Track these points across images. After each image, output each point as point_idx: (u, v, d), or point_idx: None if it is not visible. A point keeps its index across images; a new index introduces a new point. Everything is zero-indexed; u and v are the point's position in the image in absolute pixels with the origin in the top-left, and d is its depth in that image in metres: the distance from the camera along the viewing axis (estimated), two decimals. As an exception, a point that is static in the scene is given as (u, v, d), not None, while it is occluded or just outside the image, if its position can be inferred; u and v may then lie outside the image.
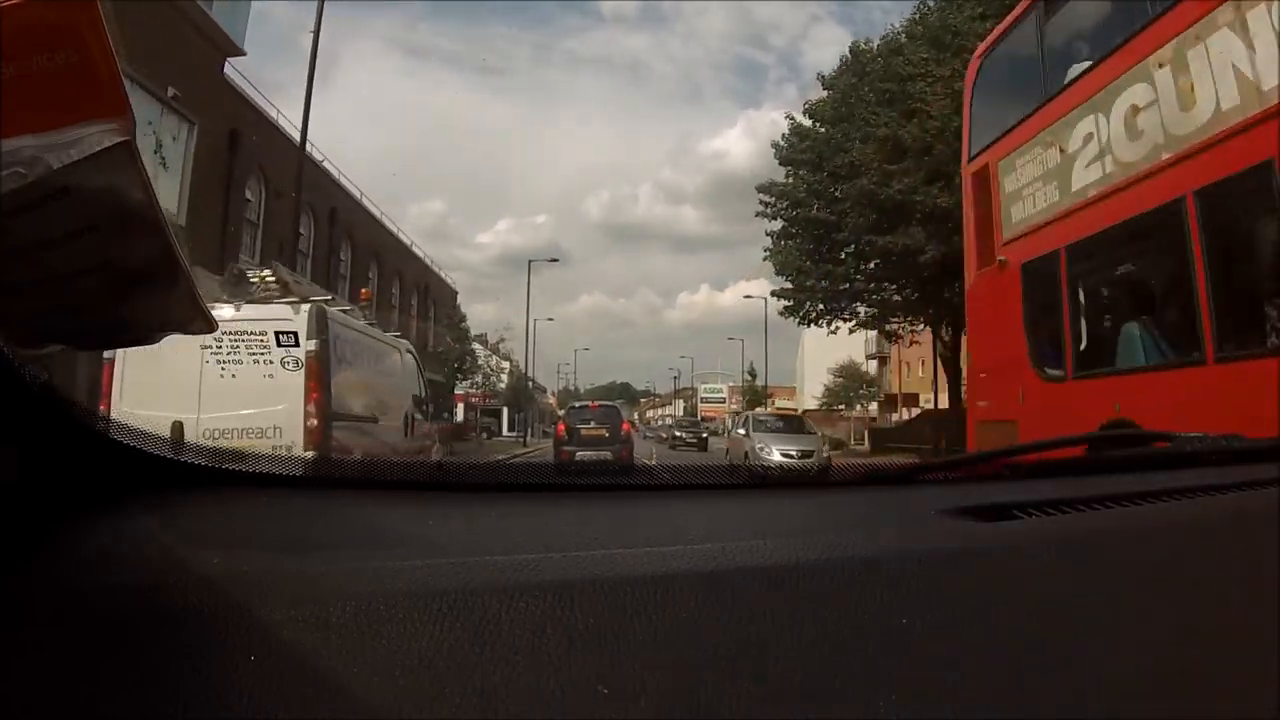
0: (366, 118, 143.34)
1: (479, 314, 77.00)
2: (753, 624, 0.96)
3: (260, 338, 10.00)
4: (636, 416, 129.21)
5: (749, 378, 61.93)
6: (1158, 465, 1.87)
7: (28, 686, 0.81)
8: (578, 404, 28.41)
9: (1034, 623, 1.00)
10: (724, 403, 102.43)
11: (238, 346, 9.81)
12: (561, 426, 24.35)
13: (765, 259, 33.20)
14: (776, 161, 32.43)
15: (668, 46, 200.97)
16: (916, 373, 58.57)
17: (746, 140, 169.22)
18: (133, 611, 0.89)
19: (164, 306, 1.04)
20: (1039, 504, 1.35)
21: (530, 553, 1.07)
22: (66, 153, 0.81)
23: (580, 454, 21.19)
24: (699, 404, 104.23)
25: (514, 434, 66.47)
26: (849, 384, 57.10)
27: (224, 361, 9.73)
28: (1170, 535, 1.27)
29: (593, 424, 23.20)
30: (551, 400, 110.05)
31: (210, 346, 9.29)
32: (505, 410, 75.05)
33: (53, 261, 0.90)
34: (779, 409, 78.61)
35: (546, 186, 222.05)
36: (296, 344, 10.05)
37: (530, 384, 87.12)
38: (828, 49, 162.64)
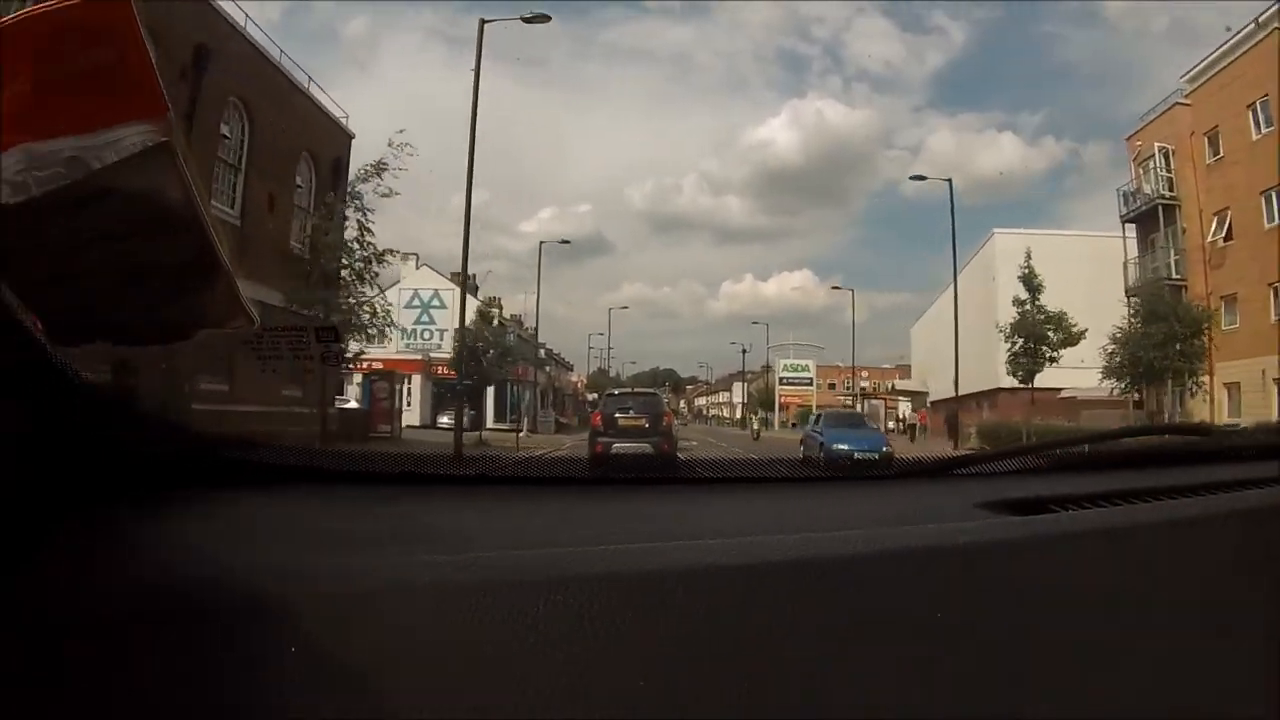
0: (408, 108, 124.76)
1: (520, 306, 49.65)
2: (792, 617, 0.98)
3: None
4: (684, 405, 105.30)
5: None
6: (1197, 459, 1.88)
7: (58, 683, 0.84)
8: (616, 390, 26.12)
9: (1069, 615, 1.03)
10: (810, 385, 74.22)
11: None
12: (597, 416, 22.37)
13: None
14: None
15: (711, 38, 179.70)
16: (1267, 313, 30.20)
17: (791, 131, 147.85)
18: (169, 606, 0.91)
19: (204, 304, 1.02)
20: (1076, 497, 1.38)
21: (567, 546, 1.09)
22: (106, 154, 0.83)
23: (617, 446, 19.20)
24: (776, 386, 75.77)
25: (504, 425, 40.44)
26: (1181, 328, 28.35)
27: None
28: (1208, 529, 1.26)
29: (631, 413, 21.19)
30: (577, 381, 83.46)
31: None
32: (491, 389, 47.51)
33: (92, 260, 0.91)
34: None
35: (589, 176, 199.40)
36: None
37: (543, 350, 61.05)
38: (872, 41, 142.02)
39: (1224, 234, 32.20)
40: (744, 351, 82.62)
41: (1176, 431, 2.71)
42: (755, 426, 53.63)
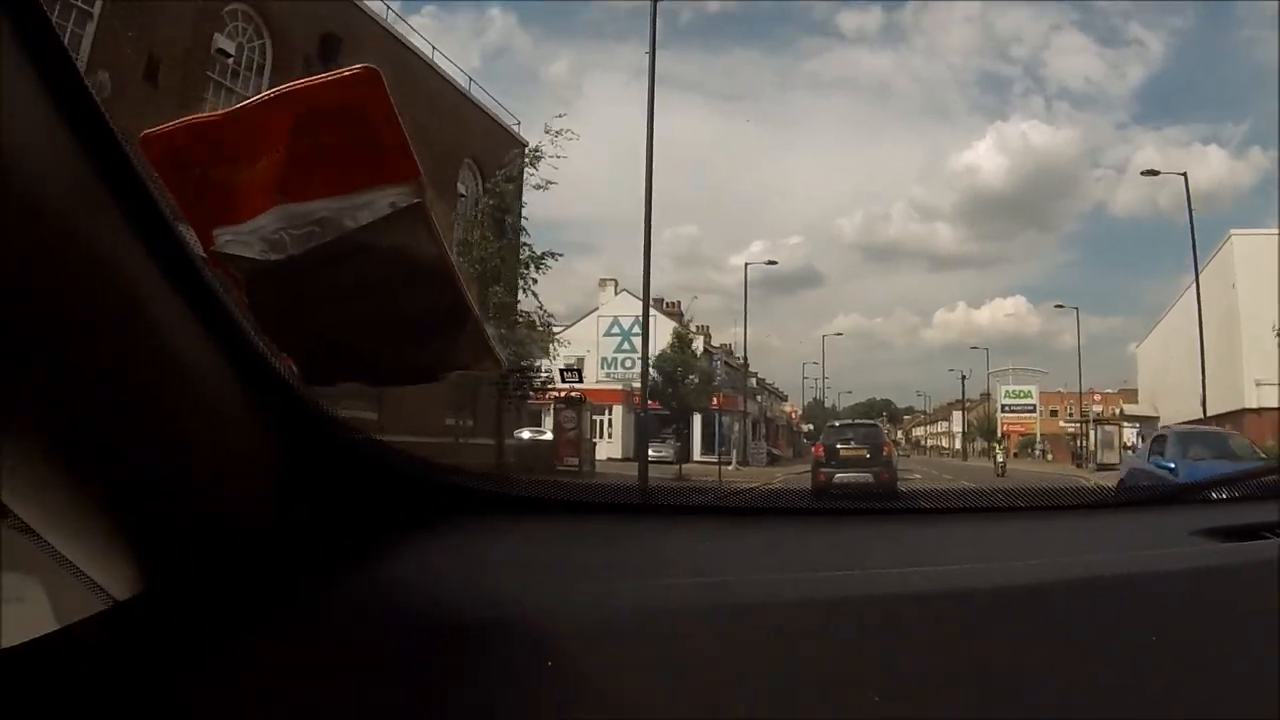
0: (614, 147, 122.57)
1: (733, 338, 56.43)
2: (1012, 641, 1.04)
3: None
4: (901, 435, 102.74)
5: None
6: None
7: (343, 695, 0.95)
8: (837, 422, 26.92)
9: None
10: (1034, 412, 70.66)
11: None
12: (819, 447, 22.92)
13: None
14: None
15: (910, 63, 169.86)
16: None
17: (998, 155, 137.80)
18: (440, 624, 1.02)
19: (454, 348, 1.10)
20: None
21: (799, 572, 1.20)
22: (361, 214, 0.91)
23: (839, 476, 19.84)
24: (997, 414, 72.17)
25: (713, 458, 39.43)
26: None
27: None
28: None
29: (853, 444, 21.74)
30: (791, 411, 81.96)
31: None
32: (698, 419, 46.71)
33: (348, 310, 0.98)
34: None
35: (798, 208, 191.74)
36: None
37: (754, 379, 60.11)
38: (1071, 57, 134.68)
39: None
40: (963, 378, 79.54)
41: None
42: (1000, 459, 45.09)
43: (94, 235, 0.77)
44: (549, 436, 31.13)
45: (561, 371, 22.99)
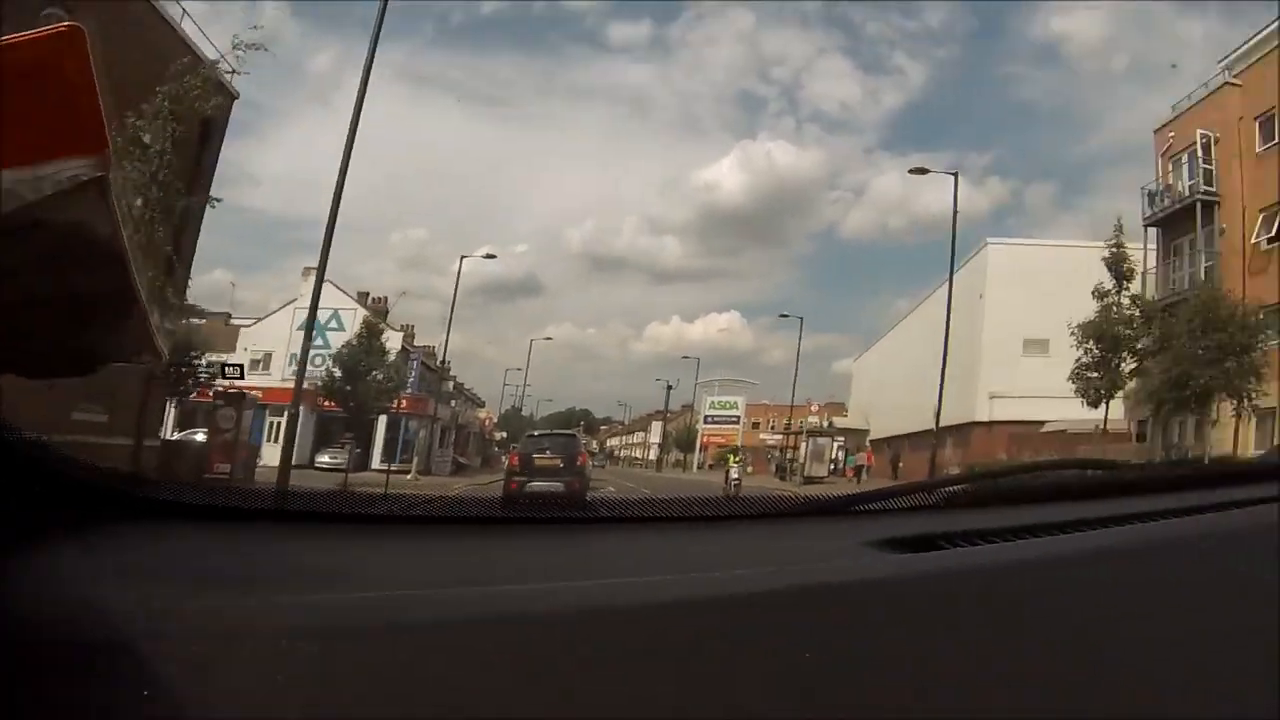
0: (369, 146, 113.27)
1: (448, 344, 50.58)
2: (680, 657, 1.00)
3: None
4: (597, 445, 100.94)
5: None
6: (1092, 494, 1.81)
7: None
8: (536, 432, 27.48)
9: (952, 654, 1.03)
10: (737, 424, 70.13)
11: None
12: (515, 456, 23.76)
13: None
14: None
15: (671, 78, 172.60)
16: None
17: (739, 173, 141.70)
18: (43, 643, 0.93)
19: (116, 337, 1.04)
20: (965, 534, 1.36)
21: (478, 586, 1.13)
22: (40, 187, 0.85)
23: (532, 485, 20.08)
24: (700, 426, 70.88)
25: (394, 466, 34.60)
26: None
27: None
28: (1096, 565, 1.23)
29: (548, 453, 22.19)
30: (485, 418, 77.38)
31: None
32: (383, 423, 41.54)
33: (12, 290, 0.92)
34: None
35: (534, 217, 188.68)
36: None
37: (451, 383, 55.35)
38: (831, 82, 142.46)
39: (1272, 233, 26.50)
40: (669, 388, 78.17)
41: (1086, 466, 2.30)
42: (735, 475, 34.32)
43: None
44: (198, 437, 26.43)
45: (222, 366, 18.21)
